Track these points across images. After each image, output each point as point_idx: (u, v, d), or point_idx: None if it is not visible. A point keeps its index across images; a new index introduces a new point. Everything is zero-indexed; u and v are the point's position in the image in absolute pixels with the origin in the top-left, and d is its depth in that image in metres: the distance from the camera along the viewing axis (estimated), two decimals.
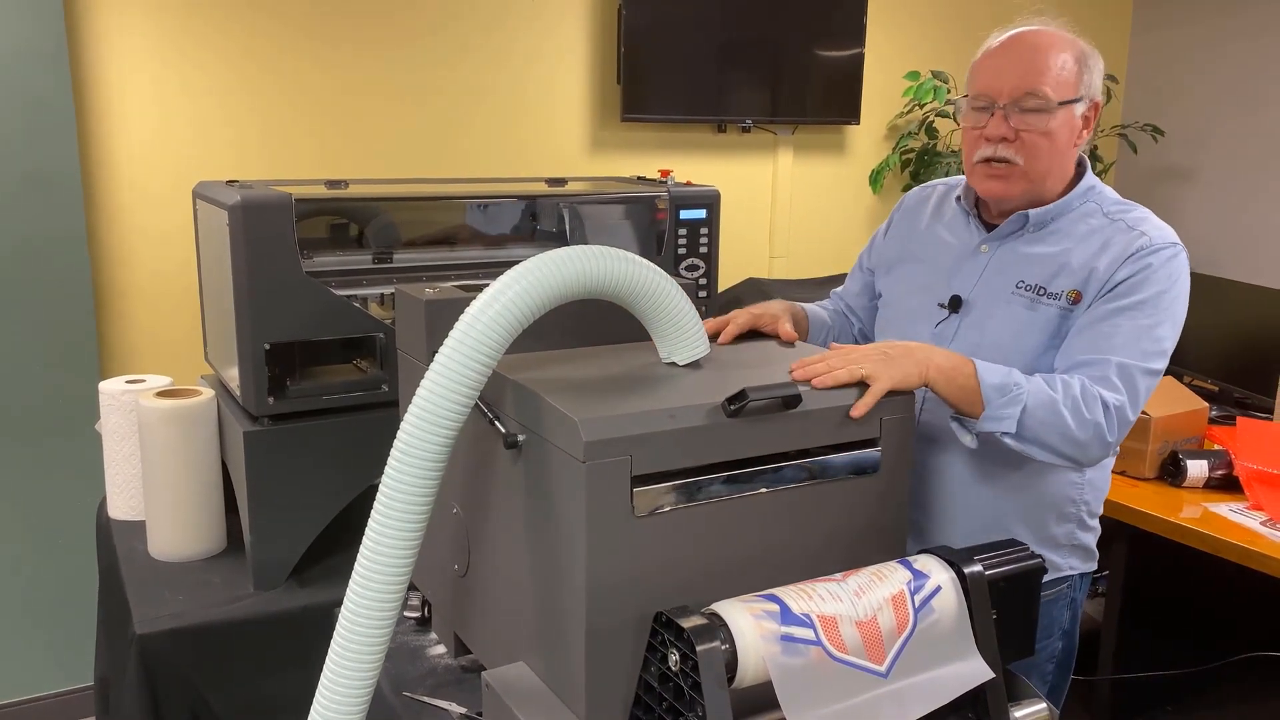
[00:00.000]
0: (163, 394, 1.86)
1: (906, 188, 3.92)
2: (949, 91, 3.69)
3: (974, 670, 1.12)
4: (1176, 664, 2.67)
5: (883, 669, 1.07)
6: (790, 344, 1.46)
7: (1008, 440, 1.33)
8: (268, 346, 1.68)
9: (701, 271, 2.06)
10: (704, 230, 2.05)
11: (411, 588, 1.65)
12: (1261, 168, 4.04)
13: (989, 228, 1.54)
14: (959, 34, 3.92)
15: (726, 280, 3.44)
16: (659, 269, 1.25)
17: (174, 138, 2.65)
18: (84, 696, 2.54)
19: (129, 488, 2.00)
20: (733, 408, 1.13)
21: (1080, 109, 1.44)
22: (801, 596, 1.06)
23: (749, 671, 1.01)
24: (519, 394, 1.19)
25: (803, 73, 3.56)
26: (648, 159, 3.36)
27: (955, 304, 1.51)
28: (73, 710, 2.59)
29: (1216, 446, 2.50)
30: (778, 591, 1.07)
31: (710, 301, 2.13)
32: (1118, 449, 1.54)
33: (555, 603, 1.14)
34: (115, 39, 2.55)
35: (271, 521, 1.74)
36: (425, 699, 1.42)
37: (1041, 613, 1.52)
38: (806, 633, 1.03)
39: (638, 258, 1.24)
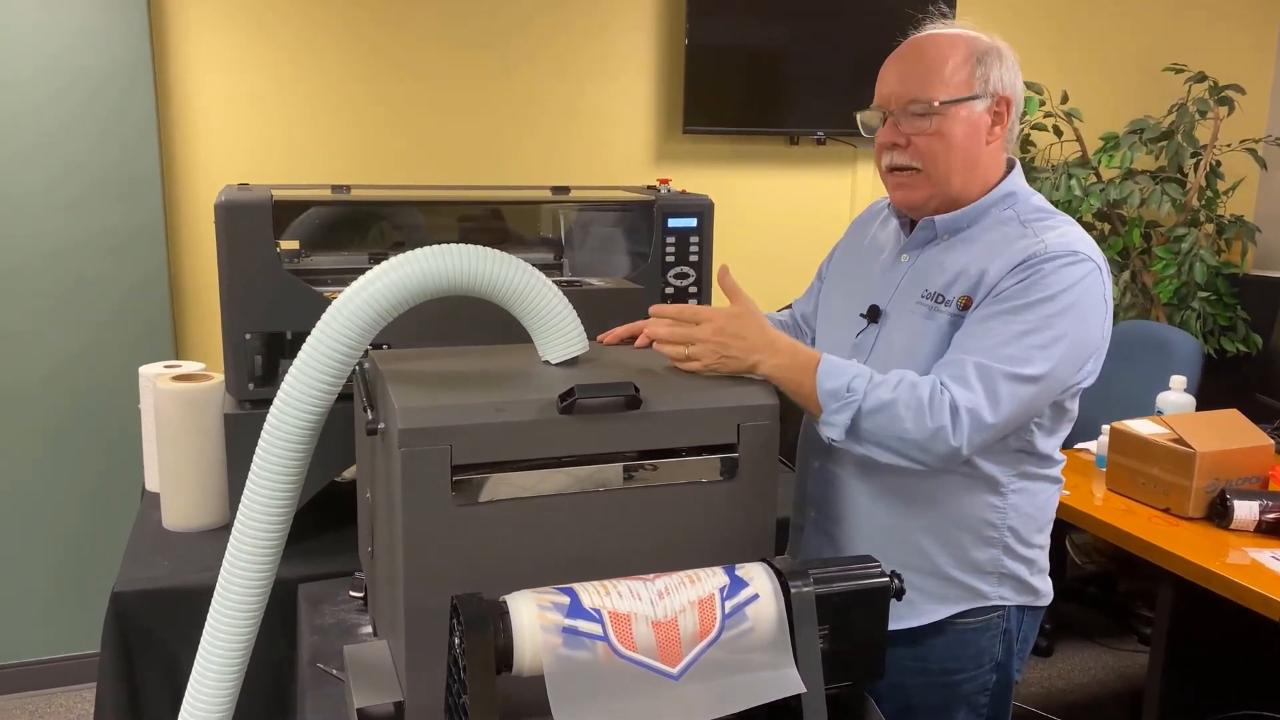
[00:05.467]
0: (178, 378, 2.03)
1: None
2: (1042, 103, 3.52)
3: (781, 681, 1.09)
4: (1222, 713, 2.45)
5: (675, 671, 1.06)
6: None
7: (840, 443, 1.31)
8: (248, 336, 1.81)
9: (692, 280, 2.07)
10: (694, 239, 2.05)
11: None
12: None
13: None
14: (1052, 43, 3.74)
15: (795, 291, 3.40)
16: (533, 269, 1.28)
17: (247, 142, 2.87)
18: None
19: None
20: (563, 404, 1.15)
21: (981, 106, 1.39)
22: (598, 592, 1.07)
23: (527, 661, 1.03)
24: (380, 384, 1.25)
25: None
26: (713, 171, 3.38)
27: (874, 314, 1.49)
28: None
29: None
30: (577, 585, 1.08)
31: None
32: (1051, 467, 1.48)
33: (392, 584, 1.20)
34: (195, 51, 2.80)
35: None
36: (331, 670, 1.50)
37: (969, 641, 1.49)
38: (593, 627, 1.04)
39: (511, 258, 1.27)
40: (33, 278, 2.68)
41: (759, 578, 1.12)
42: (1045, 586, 1.52)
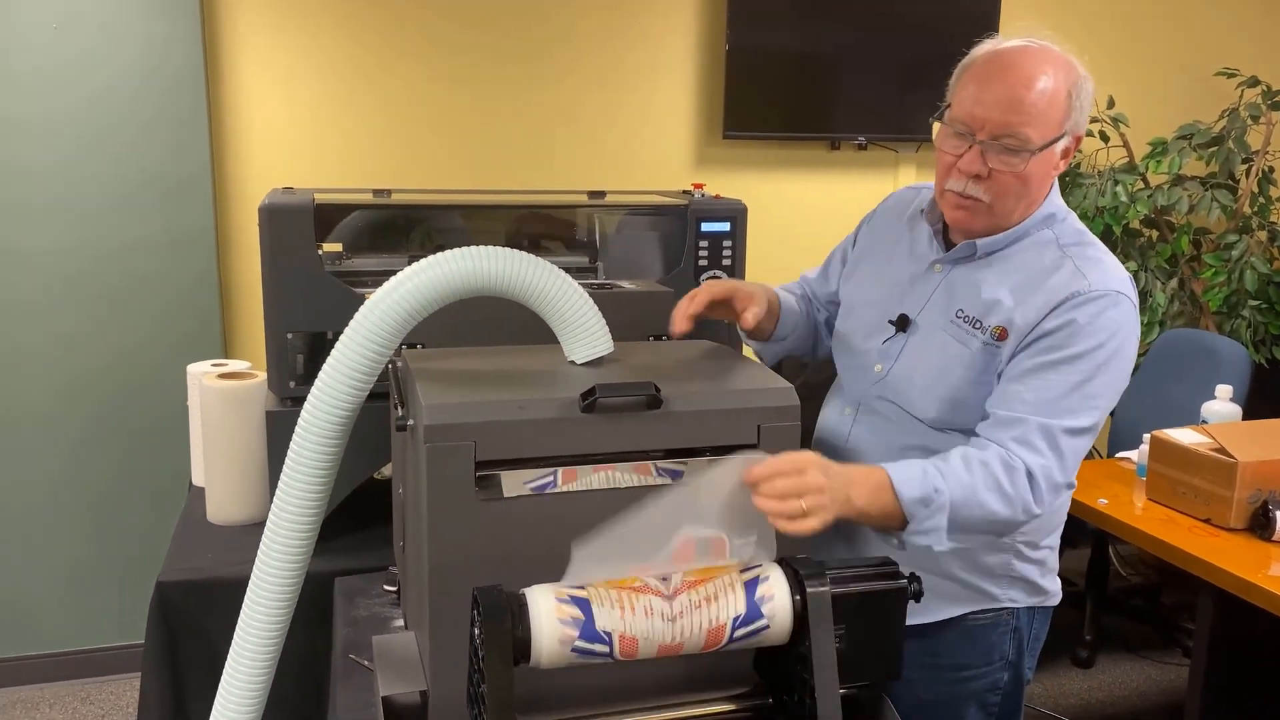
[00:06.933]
0: (223, 376, 2.09)
1: None
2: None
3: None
4: None
5: None
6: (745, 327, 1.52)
7: (938, 548, 1.29)
8: (290, 335, 1.86)
9: None
10: (727, 243, 2.07)
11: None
12: None
13: (949, 246, 1.48)
14: (1100, 47, 3.68)
15: None
16: (558, 271, 1.30)
17: (295, 147, 2.95)
18: None
19: None
20: (584, 403, 1.18)
21: (1061, 145, 1.36)
22: (615, 607, 1.07)
23: (544, 653, 1.05)
24: (410, 382, 1.28)
25: (927, 88, 3.46)
26: (753, 177, 3.39)
27: (903, 323, 1.47)
28: None
29: None
30: (593, 596, 1.08)
31: None
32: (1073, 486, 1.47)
33: (419, 576, 1.23)
34: (246, 61, 2.88)
35: None
36: (363, 661, 1.54)
37: (978, 636, 1.50)
38: (602, 648, 1.07)
39: (537, 260, 1.30)
40: (89, 278, 2.78)
41: (778, 589, 1.13)
42: (1055, 586, 1.53)
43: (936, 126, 1.41)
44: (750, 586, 1.13)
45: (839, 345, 1.60)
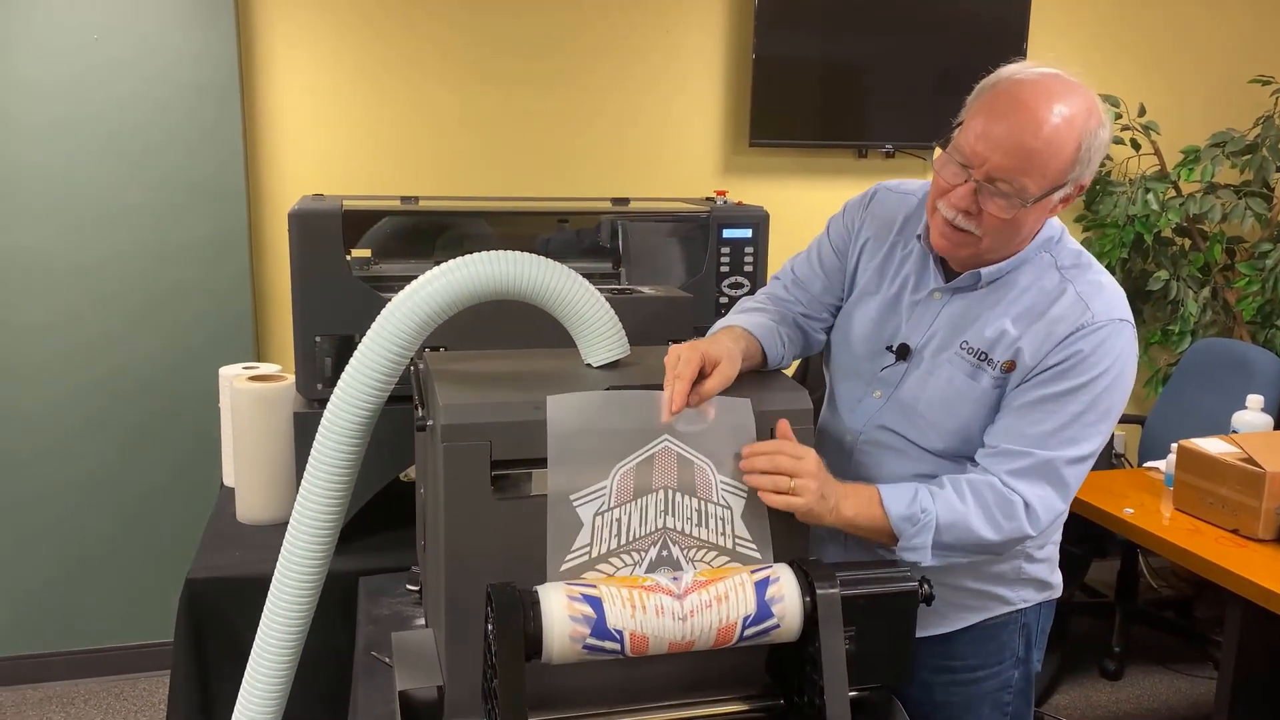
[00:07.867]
0: (254, 378, 2.14)
1: (1081, 218, 3.70)
2: (1119, 116, 3.45)
3: None
4: None
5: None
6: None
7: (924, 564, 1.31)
8: (318, 339, 1.90)
9: (746, 290, 2.10)
10: (749, 249, 2.09)
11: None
12: None
13: (947, 273, 1.43)
14: (1132, 55, 3.67)
15: None
16: (575, 274, 1.33)
17: (326, 154, 3.00)
18: None
19: None
20: None
21: (1060, 194, 1.30)
22: (626, 606, 1.10)
23: (555, 649, 1.07)
24: (430, 383, 1.31)
25: (955, 95, 3.45)
26: (779, 184, 3.39)
27: (903, 352, 1.43)
28: None
29: None
30: (605, 592, 1.10)
31: None
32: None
33: (436, 574, 1.25)
34: (279, 71, 2.94)
35: None
36: (383, 659, 1.56)
37: (991, 636, 1.51)
38: (613, 646, 1.09)
39: (554, 264, 1.32)
40: (126, 283, 2.84)
41: (789, 592, 1.14)
42: (1059, 580, 1.54)
43: (937, 151, 1.37)
44: (761, 587, 1.15)
45: (834, 367, 1.55)
